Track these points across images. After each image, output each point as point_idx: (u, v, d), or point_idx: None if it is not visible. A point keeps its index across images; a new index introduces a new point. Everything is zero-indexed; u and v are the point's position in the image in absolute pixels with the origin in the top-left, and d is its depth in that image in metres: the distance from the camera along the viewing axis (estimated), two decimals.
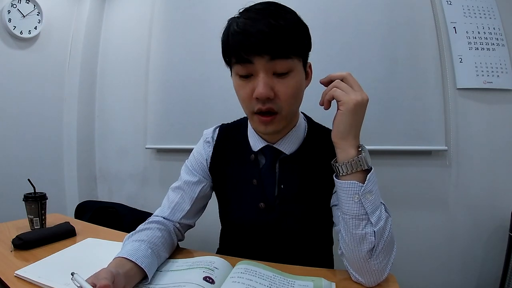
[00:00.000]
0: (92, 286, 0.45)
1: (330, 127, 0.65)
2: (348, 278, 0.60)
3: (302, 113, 0.76)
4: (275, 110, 0.60)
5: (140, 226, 0.68)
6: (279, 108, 0.61)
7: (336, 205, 0.65)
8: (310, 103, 0.69)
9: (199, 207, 0.78)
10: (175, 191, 0.76)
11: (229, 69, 0.66)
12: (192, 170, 0.76)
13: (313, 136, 0.72)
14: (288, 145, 0.69)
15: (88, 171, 2.02)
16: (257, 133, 0.71)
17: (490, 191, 1.29)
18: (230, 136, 0.77)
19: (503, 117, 1.28)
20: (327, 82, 0.61)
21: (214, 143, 0.77)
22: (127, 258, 0.55)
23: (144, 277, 0.56)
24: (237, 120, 0.81)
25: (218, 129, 0.80)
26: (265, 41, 0.54)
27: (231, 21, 0.61)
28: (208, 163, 0.76)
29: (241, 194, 0.73)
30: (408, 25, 1.32)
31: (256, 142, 0.71)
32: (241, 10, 0.61)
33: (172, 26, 1.73)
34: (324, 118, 0.72)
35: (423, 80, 1.31)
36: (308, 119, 0.77)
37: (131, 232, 0.66)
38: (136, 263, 0.54)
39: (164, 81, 1.73)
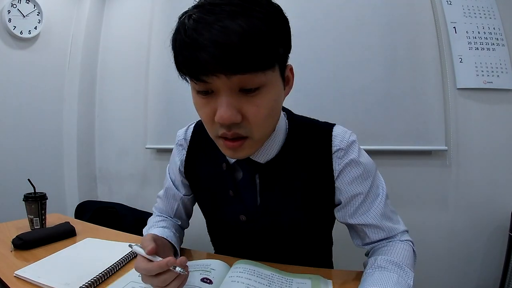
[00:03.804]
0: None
1: (333, 122, 0.64)
2: (345, 277, 0.59)
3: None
4: (244, 136, 0.48)
5: (158, 218, 0.74)
6: (249, 132, 0.48)
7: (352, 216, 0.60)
8: (312, 103, 0.67)
9: (187, 213, 0.79)
10: (162, 199, 0.78)
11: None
12: (170, 179, 0.76)
13: (296, 135, 0.61)
14: (267, 154, 0.59)
15: (88, 171, 2.02)
16: None
17: (490, 191, 1.29)
18: (203, 137, 0.65)
19: (503, 117, 1.28)
20: None
21: (188, 144, 0.70)
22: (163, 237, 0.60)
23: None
24: None
25: (191, 128, 0.72)
26: (220, 56, 0.40)
27: (181, 21, 0.46)
28: (183, 169, 0.71)
29: (219, 204, 0.66)
30: (408, 25, 1.32)
31: None
32: (194, 3, 0.46)
33: (172, 26, 1.71)
34: (324, 115, 0.69)
35: (423, 80, 1.31)
36: (288, 114, 0.65)
37: (154, 219, 0.73)
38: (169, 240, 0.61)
39: (164, 81, 1.73)
